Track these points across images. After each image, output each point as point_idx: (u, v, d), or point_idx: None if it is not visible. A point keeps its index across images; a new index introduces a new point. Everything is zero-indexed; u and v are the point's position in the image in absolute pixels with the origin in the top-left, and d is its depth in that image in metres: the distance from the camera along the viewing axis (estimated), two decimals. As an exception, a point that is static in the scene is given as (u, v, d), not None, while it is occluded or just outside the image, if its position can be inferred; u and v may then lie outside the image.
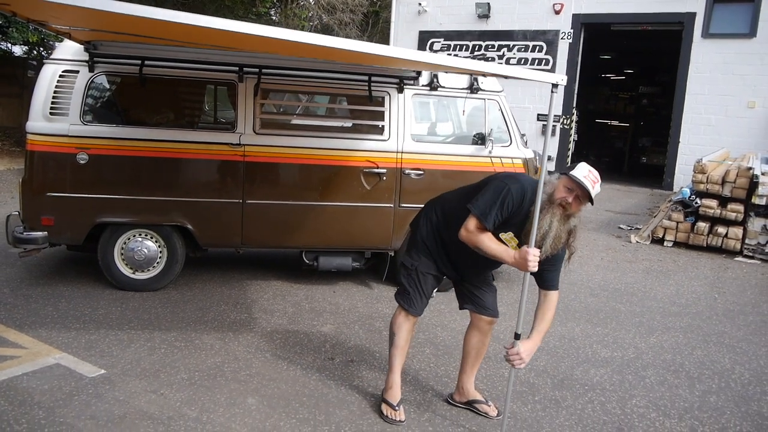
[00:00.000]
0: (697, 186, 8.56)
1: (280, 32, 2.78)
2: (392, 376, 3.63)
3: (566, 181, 3.15)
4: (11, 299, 5.00)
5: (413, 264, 3.55)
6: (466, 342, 3.73)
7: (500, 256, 3.21)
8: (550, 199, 3.16)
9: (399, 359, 3.61)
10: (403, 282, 3.59)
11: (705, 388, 4.24)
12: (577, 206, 3.17)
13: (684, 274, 7.24)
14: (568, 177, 3.12)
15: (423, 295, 3.56)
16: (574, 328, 5.20)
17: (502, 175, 3.49)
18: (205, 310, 5.05)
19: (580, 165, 3.18)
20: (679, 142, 14.10)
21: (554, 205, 3.15)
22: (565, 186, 3.15)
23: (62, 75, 5.03)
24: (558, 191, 3.16)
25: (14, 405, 3.42)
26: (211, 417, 3.45)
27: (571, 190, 3.13)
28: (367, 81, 5.43)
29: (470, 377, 3.74)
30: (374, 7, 21.46)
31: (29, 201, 5.06)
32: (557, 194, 3.15)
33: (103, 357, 4.08)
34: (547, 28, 15.33)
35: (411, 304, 3.54)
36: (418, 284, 3.54)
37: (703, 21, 13.54)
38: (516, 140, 5.77)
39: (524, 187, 3.24)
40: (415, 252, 3.57)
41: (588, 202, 3.15)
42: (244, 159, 5.26)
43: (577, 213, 3.21)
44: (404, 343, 3.60)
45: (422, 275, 3.53)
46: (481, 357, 3.74)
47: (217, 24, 2.63)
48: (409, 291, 3.54)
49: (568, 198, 3.13)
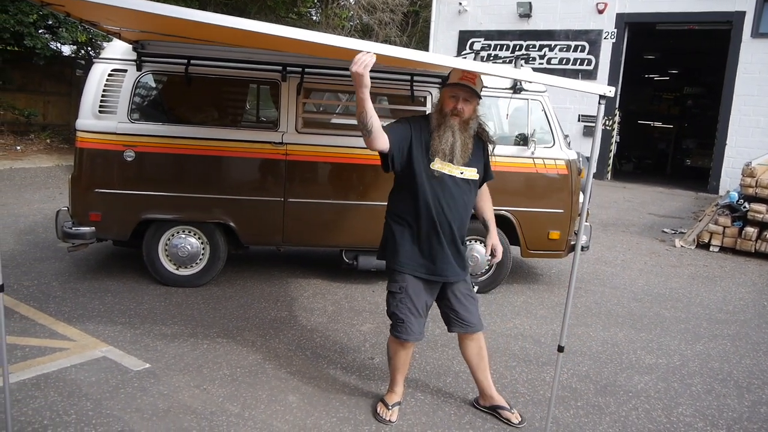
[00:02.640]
0: (745, 190, 8.33)
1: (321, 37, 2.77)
2: (394, 386, 3.60)
3: (447, 91, 3.27)
4: (60, 292, 5.13)
5: (400, 287, 3.33)
6: (464, 355, 3.62)
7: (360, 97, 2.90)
8: (442, 113, 3.26)
9: (400, 375, 3.57)
10: (394, 312, 3.36)
11: (755, 399, 4.12)
12: (469, 110, 3.27)
13: (731, 280, 7.04)
14: (447, 87, 3.26)
15: (419, 316, 3.38)
16: (617, 334, 5.10)
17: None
18: (247, 307, 5.11)
19: (453, 71, 3.28)
20: (726, 145, 13.76)
21: (447, 117, 3.24)
22: (449, 96, 3.26)
23: (111, 74, 5.15)
24: (446, 104, 3.26)
25: (63, 396, 3.50)
26: (252, 413, 3.48)
27: (455, 96, 3.23)
28: (409, 81, 5.42)
29: (486, 382, 3.65)
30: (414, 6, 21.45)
31: (78, 197, 5.19)
32: (446, 107, 3.25)
33: (147, 351, 4.16)
34: (590, 28, 15.12)
35: (409, 331, 3.35)
36: (411, 307, 3.34)
37: (753, 20, 13.20)
38: (559, 141, 5.69)
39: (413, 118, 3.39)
40: (395, 273, 3.35)
41: (476, 98, 3.27)
42: (286, 158, 5.31)
43: (475, 116, 3.32)
44: (402, 364, 3.52)
45: (413, 295, 3.34)
46: (485, 360, 3.62)
47: (260, 28, 2.64)
48: (403, 318, 3.33)
49: (458, 105, 3.23)
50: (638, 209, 11.58)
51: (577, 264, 3.24)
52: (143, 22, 3.64)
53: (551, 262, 7.12)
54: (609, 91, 3.05)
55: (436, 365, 4.26)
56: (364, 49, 2.80)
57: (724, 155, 13.76)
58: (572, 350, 4.63)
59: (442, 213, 3.30)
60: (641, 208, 11.77)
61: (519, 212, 5.62)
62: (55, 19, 12.59)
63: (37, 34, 12.34)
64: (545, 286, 6.26)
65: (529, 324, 5.15)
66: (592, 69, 15.04)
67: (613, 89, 3.12)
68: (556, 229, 5.70)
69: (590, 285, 6.46)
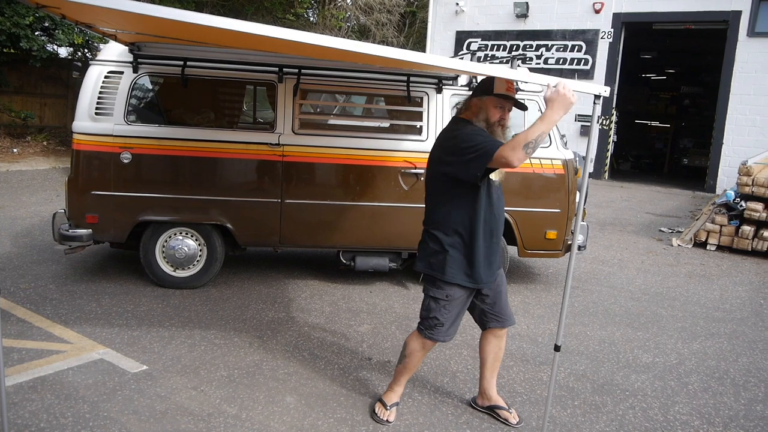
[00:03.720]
0: (742, 189, 8.34)
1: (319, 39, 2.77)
2: (396, 386, 3.59)
3: (493, 101, 3.23)
4: (57, 295, 5.13)
5: (447, 294, 3.32)
6: (483, 348, 3.63)
7: (552, 123, 2.95)
8: (488, 124, 3.24)
9: (406, 376, 3.57)
10: (434, 315, 3.35)
11: (751, 397, 4.13)
12: (508, 116, 3.31)
13: (728, 279, 7.06)
14: (494, 97, 3.21)
15: (457, 322, 3.41)
16: (614, 332, 5.11)
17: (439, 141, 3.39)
18: (244, 309, 5.11)
19: (495, 81, 3.21)
20: (723, 144, 13.78)
21: (495, 126, 3.24)
22: (496, 106, 3.23)
23: (107, 76, 5.14)
24: (491, 114, 3.24)
25: (60, 398, 3.50)
26: (250, 414, 3.48)
27: (503, 107, 3.24)
28: (405, 81, 5.43)
29: (491, 382, 3.66)
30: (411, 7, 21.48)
31: (75, 199, 5.19)
32: (492, 117, 3.24)
33: (145, 353, 4.16)
34: (587, 28, 15.14)
35: (444, 334, 3.37)
36: (453, 313, 3.36)
37: (749, 19, 13.23)
38: (556, 141, 5.70)
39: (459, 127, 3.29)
40: (442, 281, 3.32)
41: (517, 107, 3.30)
42: (283, 159, 5.31)
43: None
44: (414, 366, 3.52)
45: (457, 302, 3.35)
46: (499, 360, 3.65)
47: (253, 29, 2.63)
48: (443, 322, 3.35)
49: (504, 115, 3.26)
50: (635, 208, 11.59)
51: (574, 263, 3.25)
52: (139, 24, 3.64)
53: (548, 262, 7.13)
54: (604, 90, 3.06)
55: (433, 365, 4.27)
56: (358, 50, 2.81)
57: (721, 154, 13.79)
58: (569, 349, 4.64)
59: (495, 221, 3.33)
60: (638, 207, 11.79)
61: (516, 212, 5.62)
62: (51, 22, 12.59)
63: (33, 36, 12.34)
64: (542, 285, 6.27)
65: (527, 323, 5.16)
66: (589, 69, 15.06)
67: (608, 89, 3.13)
68: (553, 229, 5.71)
69: (587, 284, 6.47)
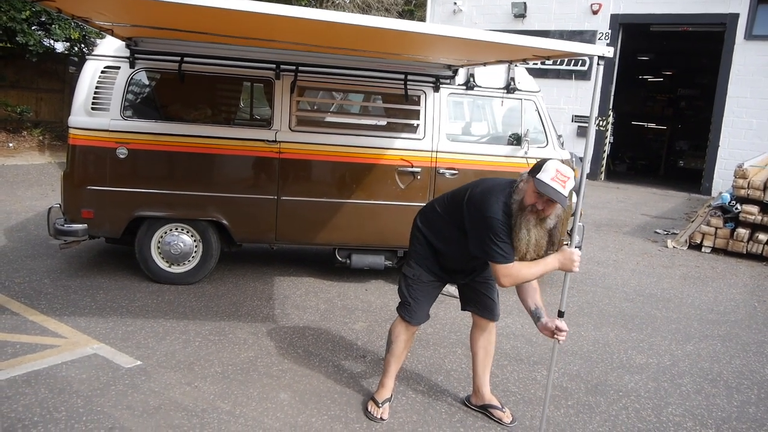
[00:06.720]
0: (737, 191, 8.36)
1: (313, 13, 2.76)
2: (386, 379, 3.61)
3: (534, 186, 2.93)
4: (51, 290, 5.11)
5: (414, 274, 3.45)
6: (473, 343, 3.67)
7: (548, 271, 3.14)
8: (521, 206, 2.98)
9: (395, 366, 3.59)
10: (404, 293, 3.48)
11: (744, 399, 4.14)
12: (550, 210, 2.98)
13: (723, 281, 7.08)
14: (536, 180, 2.92)
15: (424, 305, 3.50)
16: (608, 333, 5.12)
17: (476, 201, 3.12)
18: (239, 305, 5.10)
19: (548, 164, 2.94)
20: (719, 146, 13.80)
21: (526, 211, 2.97)
22: (534, 191, 2.94)
23: (104, 71, 5.13)
24: (527, 197, 2.97)
25: (54, 393, 3.49)
26: (243, 411, 3.48)
27: (541, 195, 2.91)
28: (403, 80, 5.42)
29: (484, 380, 3.67)
30: (409, 5, 21.47)
31: (70, 194, 5.17)
32: (527, 200, 2.97)
33: (139, 348, 4.15)
34: (585, 29, 15.14)
35: (412, 315, 3.46)
36: (419, 294, 3.46)
37: (746, 22, 13.25)
38: (552, 141, 5.71)
39: (498, 201, 3.03)
40: (414, 262, 3.47)
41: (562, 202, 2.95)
42: (280, 156, 5.30)
43: (554, 212, 3.01)
44: (401, 352, 3.55)
45: (423, 284, 3.45)
46: (490, 356, 3.67)
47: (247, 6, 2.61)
48: (410, 302, 3.45)
49: (539, 205, 2.94)
50: (631, 210, 11.60)
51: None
52: (135, 13, 3.63)
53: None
54: (608, 51, 3.03)
55: (427, 363, 4.27)
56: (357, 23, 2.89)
57: (717, 157, 13.81)
58: (563, 350, 4.64)
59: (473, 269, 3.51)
60: (634, 208, 11.80)
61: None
62: (48, 16, 12.52)
63: (29, 30, 12.27)
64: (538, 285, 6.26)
65: (521, 323, 5.16)
66: (586, 69, 15.06)
67: (611, 49, 3.08)
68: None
69: (582, 285, 6.47)
